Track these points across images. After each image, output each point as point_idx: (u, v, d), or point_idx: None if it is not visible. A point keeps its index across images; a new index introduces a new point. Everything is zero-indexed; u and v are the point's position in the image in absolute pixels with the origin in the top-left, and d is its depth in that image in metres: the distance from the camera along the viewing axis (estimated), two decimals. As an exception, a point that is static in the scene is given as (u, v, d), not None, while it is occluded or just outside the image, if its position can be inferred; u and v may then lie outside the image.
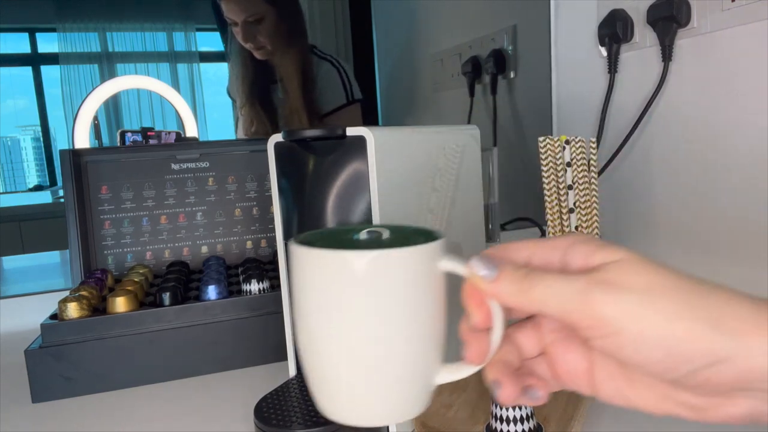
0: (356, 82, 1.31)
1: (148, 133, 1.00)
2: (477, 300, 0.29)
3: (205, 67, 1.54)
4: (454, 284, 0.32)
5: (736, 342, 0.23)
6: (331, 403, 0.33)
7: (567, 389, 0.30)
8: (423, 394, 0.33)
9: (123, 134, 1.01)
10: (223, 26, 1.37)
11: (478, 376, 0.53)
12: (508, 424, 0.40)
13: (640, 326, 0.23)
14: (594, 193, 0.55)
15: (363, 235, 0.34)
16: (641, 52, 0.83)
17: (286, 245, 0.45)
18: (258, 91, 1.28)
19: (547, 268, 0.28)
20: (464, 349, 0.30)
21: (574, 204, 0.56)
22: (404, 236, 0.33)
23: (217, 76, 1.51)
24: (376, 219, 0.39)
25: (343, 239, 0.34)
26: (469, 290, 0.29)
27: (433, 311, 0.31)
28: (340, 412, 0.33)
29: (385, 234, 0.34)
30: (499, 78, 1.18)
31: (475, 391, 0.48)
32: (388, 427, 0.42)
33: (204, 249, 0.75)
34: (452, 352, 0.33)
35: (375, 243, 0.33)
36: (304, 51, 1.26)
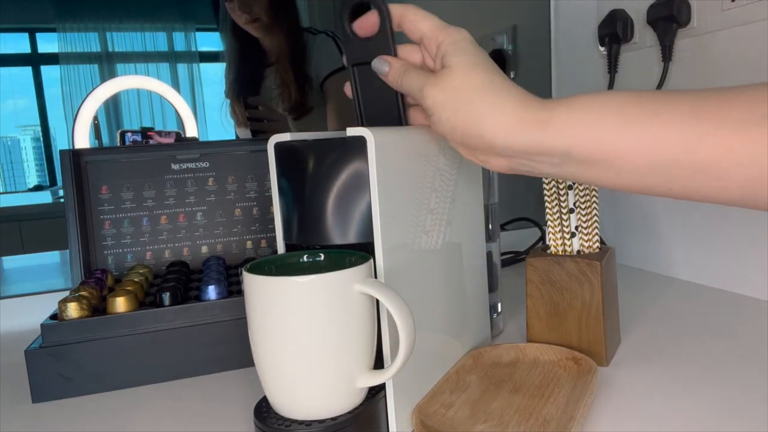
0: None
1: (148, 133, 1.00)
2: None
3: (205, 67, 1.54)
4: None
5: (482, 125, 0.38)
6: (278, 401, 0.40)
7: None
8: (349, 395, 0.40)
9: (123, 134, 1.01)
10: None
11: (479, 375, 0.53)
12: None
13: (440, 114, 0.41)
14: (594, 193, 0.55)
15: (305, 258, 0.42)
16: (641, 52, 0.83)
17: (286, 245, 0.45)
18: (249, 80, 1.29)
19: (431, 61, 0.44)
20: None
21: (574, 204, 0.56)
22: (336, 261, 0.41)
23: (218, 76, 1.51)
24: (376, 219, 0.40)
25: (288, 263, 0.42)
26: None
27: (350, 326, 0.38)
28: (283, 408, 0.40)
29: (322, 258, 0.42)
30: (499, 78, 1.18)
31: (475, 391, 0.48)
32: (388, 427, 0.42)
33: (204, 249, 0.75)
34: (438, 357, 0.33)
35: (312, 266, 0.41)
36: (296, 24, 1.27)
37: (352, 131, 0.39)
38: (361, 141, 0.39)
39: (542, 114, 0.37)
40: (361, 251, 0.41)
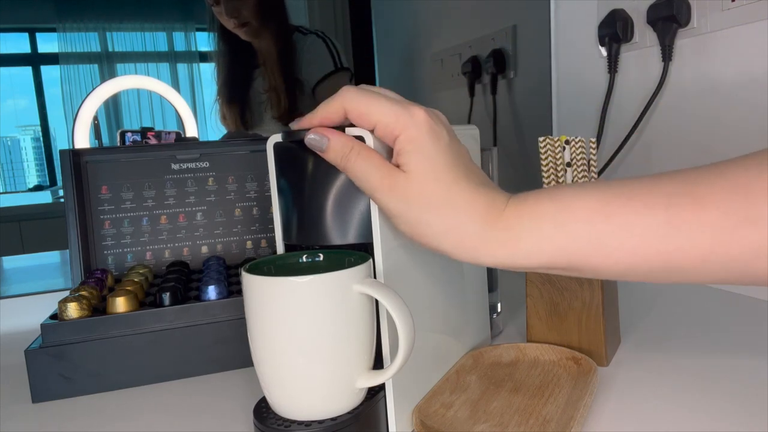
0: (344, 53, 1.29)
1: (148, 133, 1.00)
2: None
3: (205, 67, 1.54)
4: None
5: (442, 244, 0.36)
6: (277, 401, 0.40)
7: None
8: (349, 395, 0.40)
9: (123, 134, 1.01)
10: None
11: (479, 375, 0.53)
12: None
13: (396, 223, 0.38)
14: (594, 193, 0.55)
15: (304, 258, 0.42)
16: (641, 52, 0.83)
17: (285, 245, 0.45)
18: (239, 82, 1.28)
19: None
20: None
21: (574, 204, 0.56)
22: (335, 261, 0.40)
23: (217, 76, 1.51)
24: (375, 219, 0.40)
25: (287, 264, 0.42)
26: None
27: (349, 327, 0.38)
28: (282, 408, 0.40)
29: (321, 258, 0.42)
30: (499, 78, 1.18)
31: (475, 391, 0.48)
32: (388, 427, 0.42)
33: (204, 249, 0.75)
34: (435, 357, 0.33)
35: (311, 267, 0.41)
36: (285, 26, 1.26)
37: (351, 131, 0.39)
38: (360, 141, 0.39)
39: (509, 234, 0.35)
40: (361, 251, 0.41)
